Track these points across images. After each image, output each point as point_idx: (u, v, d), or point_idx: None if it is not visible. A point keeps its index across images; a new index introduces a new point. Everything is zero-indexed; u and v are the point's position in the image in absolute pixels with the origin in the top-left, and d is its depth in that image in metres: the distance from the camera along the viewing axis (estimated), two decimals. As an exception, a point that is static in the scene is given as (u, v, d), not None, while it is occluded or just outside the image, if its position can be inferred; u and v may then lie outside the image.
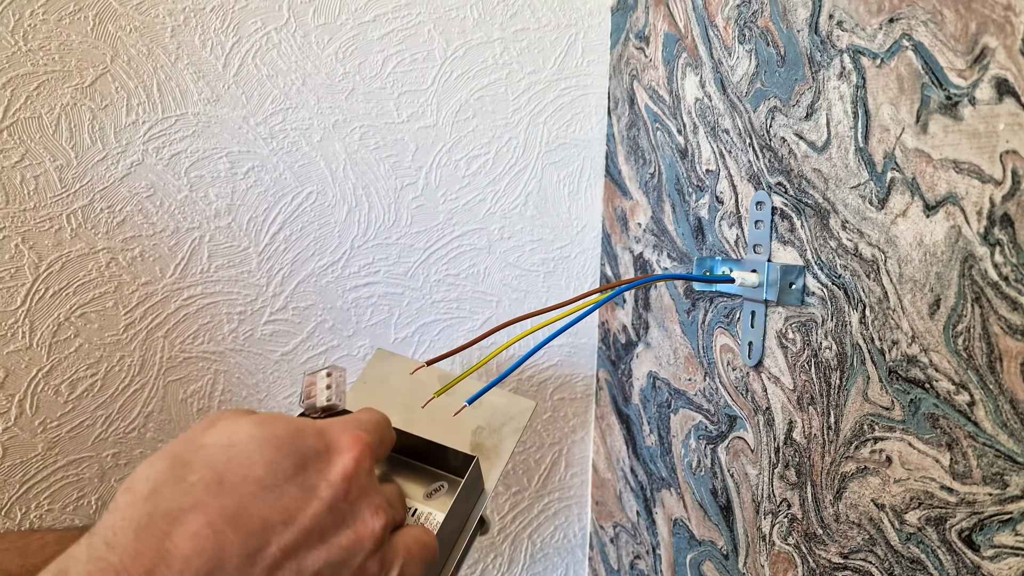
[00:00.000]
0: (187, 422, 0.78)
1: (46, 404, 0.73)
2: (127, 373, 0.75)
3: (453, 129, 0.83)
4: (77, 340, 0.73)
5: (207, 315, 0.77)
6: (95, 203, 0.72)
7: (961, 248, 0.42)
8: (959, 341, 0.42)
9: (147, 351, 0.75)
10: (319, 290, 0.80)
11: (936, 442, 0.44)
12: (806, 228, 0.54)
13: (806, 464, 0.55)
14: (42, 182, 0.71)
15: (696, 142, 0.68)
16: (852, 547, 0.51)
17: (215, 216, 0.76)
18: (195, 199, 0.75)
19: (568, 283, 0.89)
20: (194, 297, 0.76)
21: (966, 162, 0.41)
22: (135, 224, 0.74)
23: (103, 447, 0.75)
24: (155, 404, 0.76)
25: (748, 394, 0.62)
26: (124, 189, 0.73)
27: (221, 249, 0.77)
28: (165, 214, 0.75)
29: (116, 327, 0.74)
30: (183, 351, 0.77)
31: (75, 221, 0.72)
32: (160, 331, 0.76)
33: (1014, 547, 0.39)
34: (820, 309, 0.53)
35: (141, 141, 0.73)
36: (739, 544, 0.64)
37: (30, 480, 0.73)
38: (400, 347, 0.84)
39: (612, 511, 0.88)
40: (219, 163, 0.76)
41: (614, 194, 0.86)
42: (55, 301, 0.72)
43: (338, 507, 0.37)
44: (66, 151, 0.71)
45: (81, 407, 0.74)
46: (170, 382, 0.77)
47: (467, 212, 0.84)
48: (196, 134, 0.75)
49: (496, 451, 0.59)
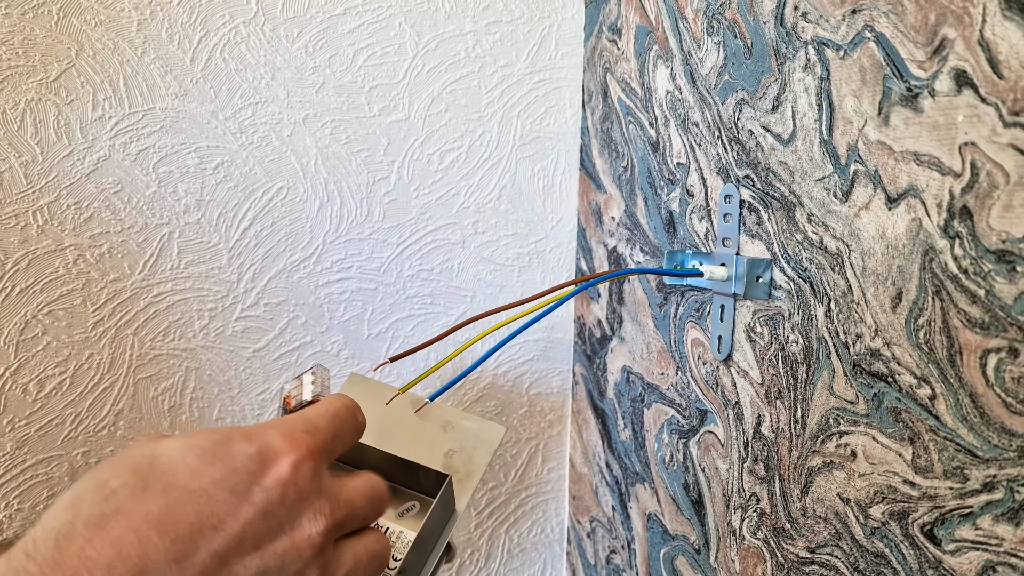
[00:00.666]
0: (158, 420, 0.77)
1: (14, 403, 0.72)
2: (96, 371, 0.74)
3: (425, 123, 0.82)
4: (45, 338, 0.72)
5: (177, 312, 0.76)
6: (62, 199, 0.72)
7: (922, 241, 0.41)
8: (920, 335, 0.42)
9: (116, 348, 0.75)
10: (291, 286, 0.80)
11: (899, 436, 0.44)
12: (773, 221, 0.54)
13: (774, 458, 0.55)
14: (7, 178, 0.70)
15: (667, 135, 0.68)
16: (819, 541, 0.51)
17: (184, 212, 0.75)
18: (164, 195, 0.75)
19: (543, 278, 0.89)
20: (164, 294, 0.76)
21: (926, 154, 0.41)
22: (103, 220, 0.73)
23: (73, 446, 0.74)
24: (125, 402, 0.76)
25: (718, 388, 0.62)
26: (91, 185, 0.72)
27: (191, 245, 0.76)
28: (133, 210, 0.74)
29: (85, 324, 0.73)
30: (153, 348, 0.76)
31: (41, 218, 0.71)
32: (129, 328, 0.75)
33: (974, 541, 0.39)
34: (787, 302, 0.53)
35: (108, 136, 0.73)
36: (711, 539, 0.64)
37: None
38: (374, 343, 0.83)
39: (589, 506, 0.88)
40: (188, 158, 0.75)
41: (588, 188, 0.86)
42: (22, 299, 0.71)
43: (273, 513, 0.35)
44: (31, 147, 0.70)
45: (50, 406, 0.73)
46: (140, 380, 0.76)
47: (440, 207, 0.84)
48: (164, 129, 0.74)
49: (467, 473, 0.59)
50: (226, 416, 0.79)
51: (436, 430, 0.63)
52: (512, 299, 0.88)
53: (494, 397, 0.89)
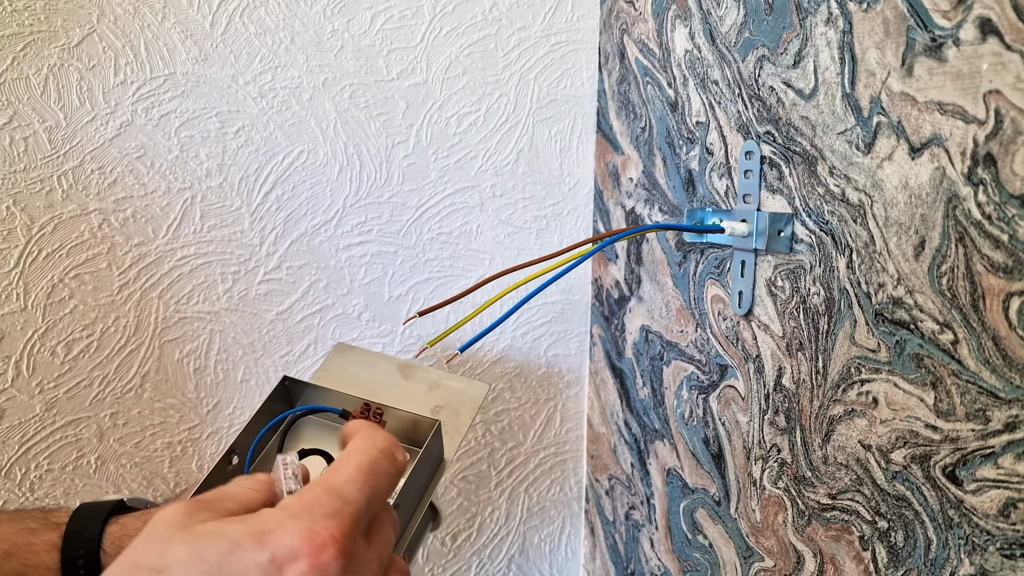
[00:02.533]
0: (184, 382, 0.78)
1: (43, 365, 0.73)
2: (123, 334, 0.76)
3: (443, 86, 0.82)
4: (72, 301, 0.73)
5: (201, 275, 0.77)
6: (86, 164, 0.72)
7: (945, 189, 0.42)
8: (943, 281, 0.43)
9: (142, 312, 0.76)
10: (312, 249, 0.81)
11: (921, 382, 0.45)
12: (794, 176, 0.55)
13: (795, 409, 0.56)
14: (31, 144, 0.71)
15: (686, 94, 0.68)
16: (840, 488, 0.52)
17: (206, 176, 0.76)
18: (186, 159, 0.75)
19: (561, 240, 0.90)
20: (188, 257, 0.77)
21: (950, 103, 0.41)
22: (126, 185, 0.74)
23: (101, 407, 0.76)
24: (151, 364, 0.77)
25: (739, 343, 0.63)
26: (114, 150, 0.73)
27: (213, 209, 0.77)
28: (156, 175, 0.75)
29: (110, 288, 0.75)
30: (178, 311, 0.77)
31: (66, 183, 0.72)
32: (155, 292, 0.76)
33: (995, 480, 0.40)
34: (808, 256, 0.54)
35: (130, 101, 0.73)
36: (731, 490, 0.65)
37: (29, 441, 0.73)
38: (394, 305, 0.84)
39: (607, 464, 0.90)
40: (209, 123, 0.76)
41: (606, 150, 0.86)
42: (48, 263, 0.72)
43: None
44: (55, 112, 0.71)
45: (78, 368, 0.74)
46: (166, 342, 0.77)
47: (459, 170, 0.85)
48: (185, 94, 0.75)
49: (455, 427, 0.61)
50: (250, 378, 0.81)
51: (423, 390, 0.65)
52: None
53: (512, 359, 0.91)
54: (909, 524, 0.46)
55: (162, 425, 0.78)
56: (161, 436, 0.78)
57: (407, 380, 0.66)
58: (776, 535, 0.59)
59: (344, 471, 0.36)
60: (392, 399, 0.59)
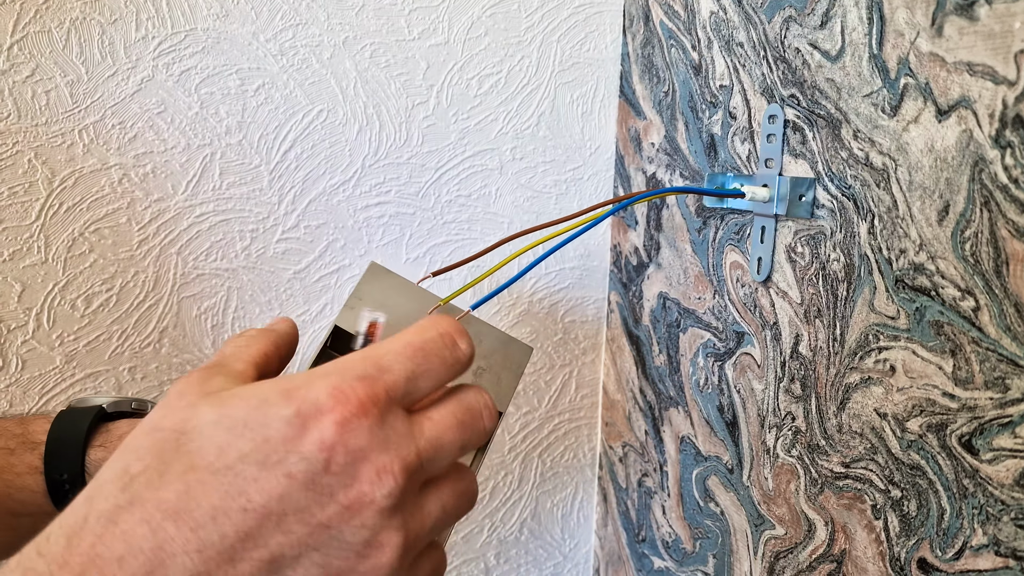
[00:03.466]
0: (201, 339, 0.79)
1: (63, 318, 0.74)
2: (141, 289, 0.76)
3: (465, 47, 0.82)
4: (92, 255, 0.74)
5: (220, 232, 0.78)
6: (106, 119, 0.73)
7: (972, 152, 0.41)
8: (966, 247, 0.42)
9: (161, 267, 0.76)
10: (330, 209, 0.81)
11: (940, 349, 0.44)
12: (818, 140, 0.54)
13: (811, 377, 0.55)
14: (53, 97, 0.71)
15: (710, 57, 0.67)
16: (854, 456, 0.51)
17: (226, 133, 0.76)
18: (206, 116, 0.75)
19: (581, 206, 0.89)
20: (206, 214, 0.77)
21: (980, 64, 0.40)
22: (146, 140, 0.74)
23: (119, 361, 0.77)
24: (169, 320, 0.77)
25: (756, 310, 0.62)
26: (135, 105, 0.73)
27: (232, 167, 0.77)
28: (176, 131, 0.75)
29: (130, 243, 0.75)
30: (196, 268, 0.77)
31: (87, 137, 0.72)
32: (173, 248, 0.76)
33: (1012, 449, 0.39)
34: (829, 221, 0.53)
35: (151, 57, 0.73)
36: (744, 458, 0.65)
37: (49, 392, 0.74)
38: (411, 267, 0.84)
39: (621, 431, 0.90)
40: (229, 80, 0.75)
41: (628, 114, 0.85)
42: (69, 216, 0.73)
43: (317, 482, 0.31)
44: (76, 66, 0.71)
45: (97, 321, 0.75)
46: (184, 298, 0.78)
47: (479, 132, 0.84)
48: (206, 50, 0.74)
49: (497, 396, 0.55)
50: (267, 336, 0.81)
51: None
52: (548, 227, 0.88)
53: (529, 324, 0.90)
54: (923, 493, 0.46)
55: (180, 381, 0.79)
56: (179, 391, 0.79)
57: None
58: (788, 503, 0.59)
59: (392, 344, 0.35)
60: None
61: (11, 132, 0.70)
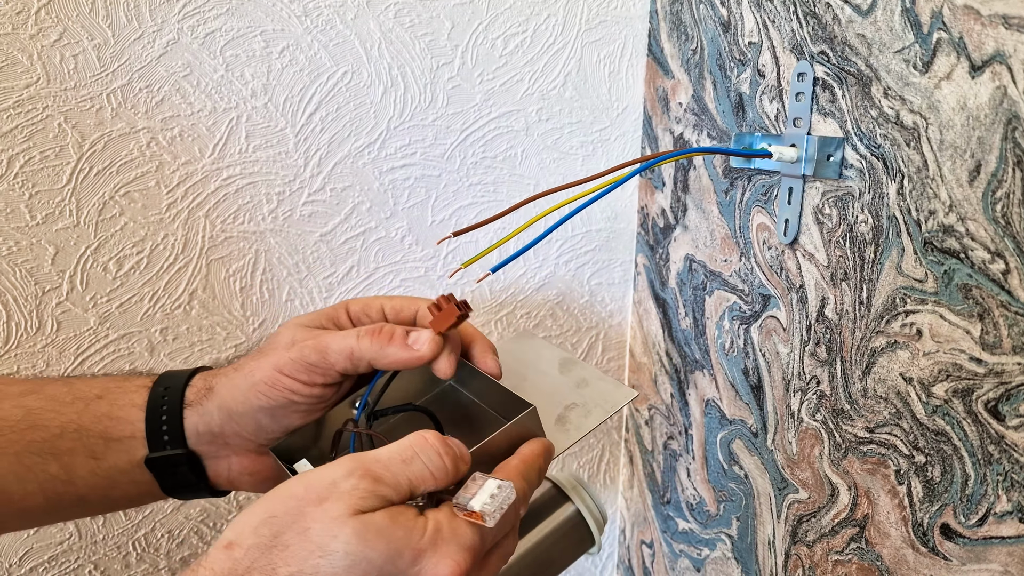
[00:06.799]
0: (230, 301, 0.80)
1: (96, 280, 0.75)
2: (171, 251, 0.77)
3: (490, 5, 0.80)
4: (122, 218, 0.75)
5: (246, 195, 0.78)
6: (134, 83, 0.73)
7: (1006, 110, 0.40)
8: (998, 208, 0.41)
9: (190, 230, 0.77)
10: (356, 171, 0.81)
11: (968, 313, 0.43)
12: (847, 98, 0.52)
13: (837, 341, 0.54)
14: (81, 61, 0.71)
15: (739, 13, 0.66)
16: (878, 421, 0.51)
17: (251, 96, 0.76)
18: (231, 79, 0.75)
19: (607, 167, 0.88)
20: (233, 177, 0.77)
21: (1016, 16, 0.39)
22: (173, 104, 0.74)
23: (151, 323, 0.78)
24: (199, 282, 0.78)
25: (782, 272, 0.61)
26: (162, 68, 0.73)
27: (258, 129, 0.77)
28: (202, 94, 0.75)
29: (159, 206, 0.76)
30: (224, 231, 0.78)
31: (115, 101, 0.73)
32: (201, 211, 0.77)
33: (1039, 415, 0.39)
34: (857, 182, 0.52)
35: (176, 19, 0.73)
36: (768, 422, 0.64)
37: (84, 353, 0.76)
38: (437, 229, 0.84)
39: (647, 394, 0.89)
40: (254, 42, 0.75)
41: (656, 74, 0.84)
42: (99, 180, 0.73)
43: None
44: (103, 29, 0.71)
45: (129, 283, 0.76)
46: (213, 260, 0.78)
47: (504, 93, 0.83)
48: (230, 12, 0.74)
49: (577, 426, 0.58)
50: (295, 298, 0.82)
51: (570, 385, 0.62)
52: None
53: (555, 286, 0.90)
54: (947, 459, 0.45)
55: (210, 342, 0.80)
56: (209, 352, 0.80)
57: (561, 373, 0.63)
58: (812, 467, 0.58)
59: (502, 527, 0.44)
60: (535, 389, 0.60)
61: (40, 97, 0.71)
